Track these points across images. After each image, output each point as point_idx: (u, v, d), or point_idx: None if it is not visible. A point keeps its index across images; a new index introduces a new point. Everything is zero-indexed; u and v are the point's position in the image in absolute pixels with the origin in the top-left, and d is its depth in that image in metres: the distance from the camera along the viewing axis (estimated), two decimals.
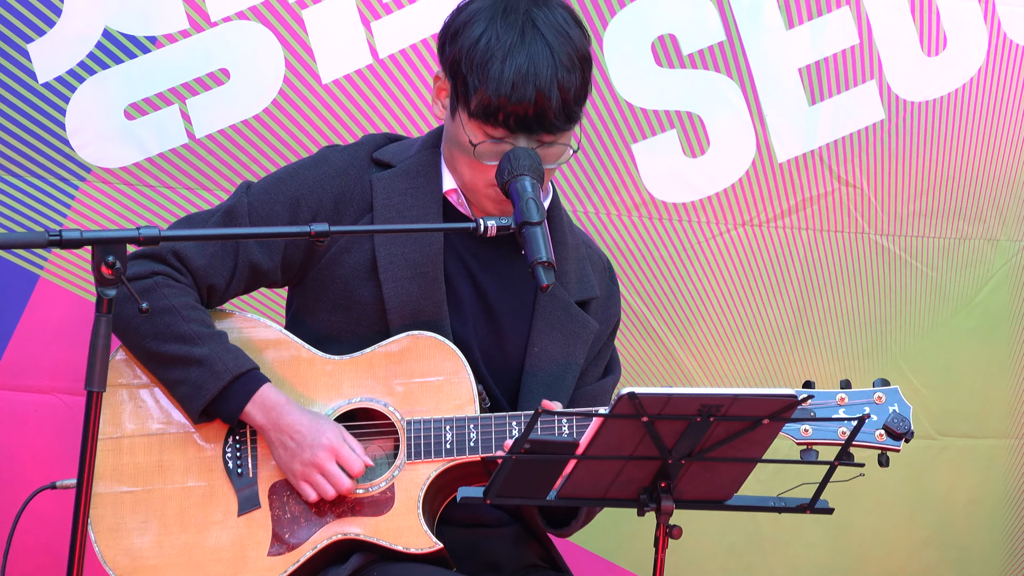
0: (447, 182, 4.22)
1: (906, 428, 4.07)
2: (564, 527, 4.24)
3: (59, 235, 3.41)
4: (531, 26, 4.05)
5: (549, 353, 4.24)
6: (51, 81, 4.94)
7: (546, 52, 4.03)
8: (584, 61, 4.09)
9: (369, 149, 4.28)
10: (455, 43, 4.09)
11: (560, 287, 4.25)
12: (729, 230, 5.38)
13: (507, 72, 4.01)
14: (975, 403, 5.57)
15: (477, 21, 4.07)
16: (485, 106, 4.02)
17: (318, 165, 4.25)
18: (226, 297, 4.24)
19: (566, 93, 4.03)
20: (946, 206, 5.49)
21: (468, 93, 4.05)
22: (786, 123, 5.37)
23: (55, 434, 4.99)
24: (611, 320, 4.39)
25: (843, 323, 5.47)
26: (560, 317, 4.26)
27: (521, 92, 4.00)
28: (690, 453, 3.52)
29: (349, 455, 4.06)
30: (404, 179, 4.21)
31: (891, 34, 5.39)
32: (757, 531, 5.46)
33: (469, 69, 4.04)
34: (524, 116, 4.02)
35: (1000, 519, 5.60)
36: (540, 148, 4.07)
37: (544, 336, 4.25)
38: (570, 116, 4.06)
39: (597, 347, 4.34)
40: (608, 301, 4.39)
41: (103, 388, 3.43)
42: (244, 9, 5.02)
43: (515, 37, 4.03)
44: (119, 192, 5.00)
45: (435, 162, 4.23)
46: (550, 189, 4.27)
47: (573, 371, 4.28)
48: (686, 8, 5.29)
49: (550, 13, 4.09)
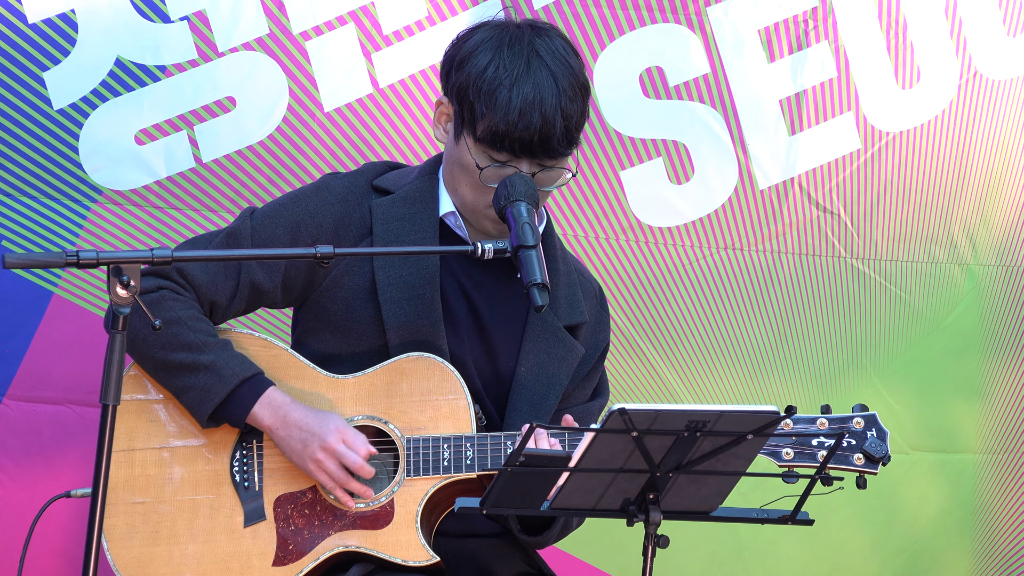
0: (445, 205, 4.23)
1: (883, 452, 4.08)
2: (538, 535, 4.24)
3: (76, 256, 3.46)
4: (535, 56, 4.09)
5: (535, 373, 4.26)
6: (65, 107, 4.98)
7: (550, 81, 4.07)
8: (583, 89, 4.14)
9: (369, 177, 4.29)
10: (461, 71, 4.11)
11: (550, 311, 4.26)
12: (712, 254, 5.40)
13: (514, 100, 4.04)
14: (946, 420, 5.57)
15: (483, 50, 4.10)
16: (492, 132, 4.06)
17: (319, 192, 4.26)
18: (228, 315, 4.25)
19: (568, 120, 4.08)
20: (919, 232, 5.50)
21: (475, 119, 4.08)
22: (767, 152, 5.39)
23: (68, 445, 5.00)
24: (600, 345, 4.40)
25: (821, 343, 5.47)
26: (548, 340, 4.28)
27: (527, 119, 4.04)
28: (677, 466, 3.55)
29: (355, 439, 4.07)
30: (402, 205, 4.23)
31: (867, 68, 5.41)
32: (737, 541, 5.46)
33: (476, 96, 4.07)
34: (529, 142, 4.06)
35: (969, 529, 5.60)
36: (541, 172, 4.12)
37: (531, 357, 4.27)
38: (571, 141, 4.11)
39: (584, 370, 4.36)
40: (598, 327, 4.40)
41: (117, 402, 3.47)
42: (250, 40, 5.06)
43: (521, 67, 4.07)
44: (129, 213, 5.03)
45: (432, 188, 4.25)
46: (544, 215, 4.29)
47: (556, 391, 4.28)
48: (672, 42, 5.31)
49: (551, 43, 4.13)
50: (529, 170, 4.11)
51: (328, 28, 5.11)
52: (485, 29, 4.17)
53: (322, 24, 5.11)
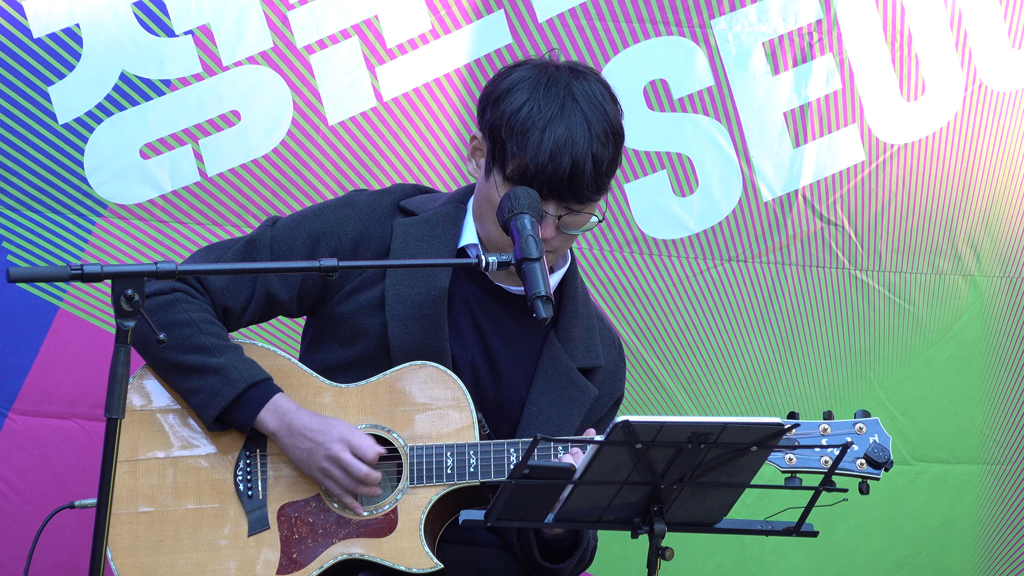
0: (468, 236, 4.23)
1: (886, 457, 4.07)
2: (559, 563, 4.23)
3: (80, 269, 3.46)
4: (571, 99, 4.08)
5: (546, 413, 4.26)
6: (70, 122, 5.00)
7: (583, 125, 4.06)
8: (617, 136, 4.12)
9: (397, 197, 4.30)
10: (496, 108, 4.11)
11: (564, 352, 4.27)
12: (716, 266, 5.40)
13: (546, 142, 4.03)
14: (950, 431, 5.56)
15: (520, 90, 4.10)
16: (522, 172, 4.06)
17: (343, 206, 4.27)
18: (242, 322, 4.27)
19: (599, 165, 4.06)
20: (923, 243, 5.49)
21: (506, 158, 4.08)
22: (771, 164, 5.39)
23: (74, 457, 5.01)
24: (615, 394, 4.40)
25: (825, 354, 5.47)
26: (560, 381, 4.28)
27: (557, 162, 4.03)
28: (681, 478, 3.56)
29: (361, 443, 4.09)
30: (423, 227, 4.23)
31: (872, 80, 5.42)
32: (743, 552, 5.47)
33: (509, 135, 4.07)
34: (558, 184, 4.05)
35: (973, 540, 5.58)
36: (568, 215, 4.10)
37: (543, 397, 4.27)
38: (600, 187, 4.10)
39: (596, 415, 4.34)
40: (615, 376, 4.39)
41: (122, 415, 3.47)
42: (254, 54, 5.08)
43: (555, 109, 4.06)
44: (134, 227, 5.05)
45: (459, 216, 4.25)
46: (568, 257, 4.28)
47: (567, 433, 4.26)
48: (677, 55, 5.32)
49: (588, 87, 4.12)
50: (556, 212, 4.10)
51: (332, 42, 5.13)
52: (524, 68, 4.17)
53: (326, 38, 5.13)
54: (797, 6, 5.38)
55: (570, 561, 4.24)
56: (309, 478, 4.17)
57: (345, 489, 4.11)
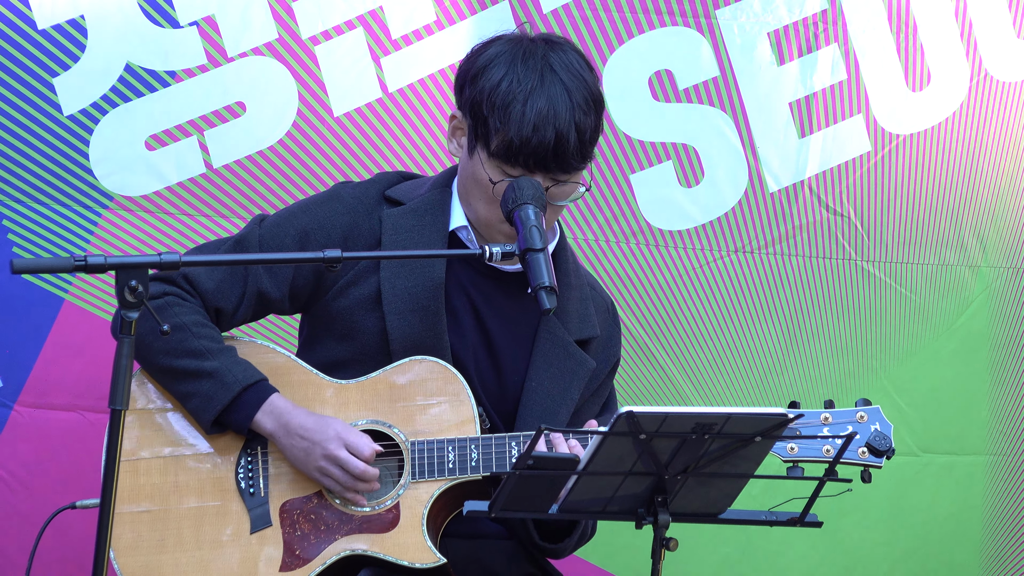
0: (457, 219, 4.24)
1: (887, 446, 4.09)
2: (558, 543, 4.26)
3: (84, 260, 3.46)
4: (549, 70, 4.09)
5: (545, 388, 4.27)
6: (76, 113, 5.00)
7: (564, 95, 4.07)
8: (597, 103, 4.14)
9: (381, 187, 4.30)
10: (475, 85, 4.12)
11: (560, 325, 4.28)
12: (723, 256, 5.41)
13: (528, 114, 4.04)
14: (956, 422, 5.57)
15: (497, 65, 4.11)
16: (506, 147, 4.06)
17: (330, 200, 4.28)
18: (234, 322, 4.27)
19: (582, 134, 4.08)
20: (929, 234, 5.50)
21: (489, 134, 4.09)
22: (777, 155, 5.40)
23: (79, 449, 5.01)
24: (611, 359, 4.41)
25: (831, 345, 5.48)
26: (558, 354, 4.28)
27: (541, 133, 4.04)
28: (685, 469, 3.57)
29: (357, 441, 4.09)
30: (412, 216, 4.24)
31: (877, 70, 5.43)
32: (748, 543, 5.47)
33: (491, 111, 4.08)
34: (543, 156, 4.06)
35: (979, 532, 5.60)
36: (555, 186, 4.11)
37: (541, 372, 4.27)
38: (585, 155, 4.11)
39: (595, 384, 4.37)
40: (609, 341, 4.41)
41: (126, 406, 3.48)
42: (259, 45, 5.07)
43: (535, 80, 4.07)
44: (140, 219, 5.04)
45: (444, 200, 4.26)
46: (557, 230, 4.29)
47: (568, 407, 4.29)
48: (682, 45, 5.32)
49: (565, 56, 4.13)
50: (543, 184, 4.09)
51: (337, 32, 5.13)
52: (499, 43, 4.18)
53: (331, 28, 5.13)
54: None
55: (570, 540, 4.26)
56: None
57: (344, 487, 4.11)
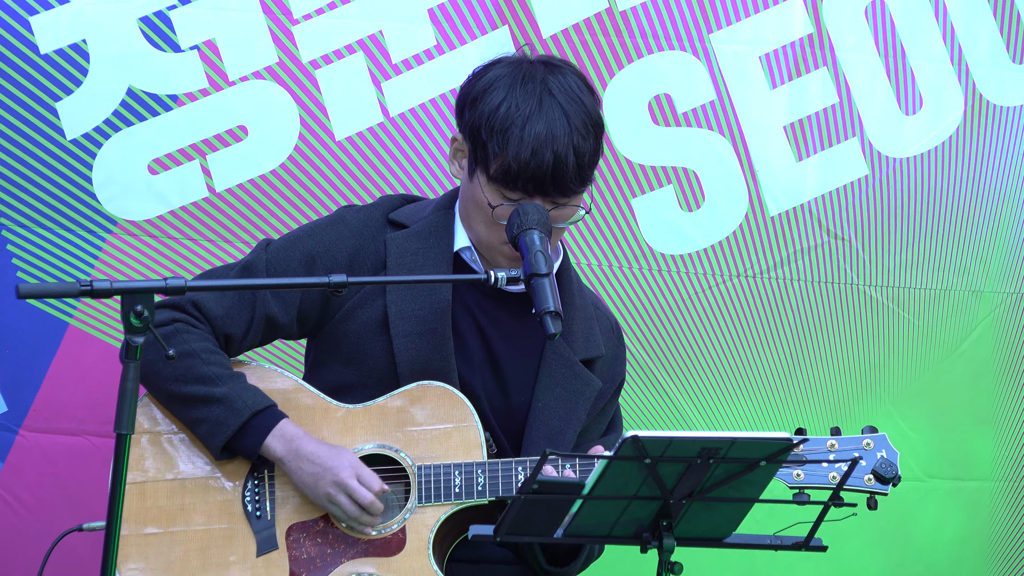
0: (460, 240, 4.26)
1: (893, 473, 4.10)
2: (564, 566, 4.27)
3: (90, 285, 3.47)
4: (548, 94, 4.10)
5: (552, 408, 4.28)
6: (78, 137, 4.99)
7: (562, 119, 4.08)
8: (596, 126, 4.15)
9: (385, 210, 4.32)
10: (475, 109, 4.13)
11: (566, 346, 4.28)
12: (724, 281, 5.41)
13: (526, 138, 4.05)
14: (961, 447, 5.57)
15: (497, 88, 4.12)
16: (505, 171, 4.08)
17: (334, 224, 4.29)
18: (243, 347, 4.28)
19: (581, 158, 4.09)
20: (931, 258, 5.51)
21: (488, 158, 4.10)
22: (776, 178, 5.40)
23: (84, 474, 5.01)
24: (616, 379, 4.42)
25: (834, 370, 5.48)
26: (564, 375, 4.29)
27: (540, 157, 4.05)
28: (690, 493, 3.57)
29: (368, 474, 4.10)
30: (416, 239, 4.25)
31: (869, 94, 5.43)
32: (753, 568, 5.46)
33: (489, 135, 4.09)
34: (542, 180, 4.07)
35: (984, 557, 5.60)
36: (554, 209, 4.12)
37: (548, 392, 4.28)
38: (584, 179, 4.12)
39: (600, 404, 4.37)
40: (614, 361, 4.42)
41: (131, 431, 3.49)
42: (260, 69, 5.08)
43: (533, 105, 4.08)
44: (144, 243, 5.04)
45: (448, 222, 4.27)
46: (560, 250, 4.30)
47: (574, 426, 4.30)
48: (679, 69, 5.33)
49: (564, 80, 4.14)
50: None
51: (337, 56, 5.14)
52: (499, 66, 4.19)
53: (331, 53, 5.14)
54: (788, 20, 5.41)
55: (576, 563, 4.27)
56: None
57: (348, 516, 4.11)
